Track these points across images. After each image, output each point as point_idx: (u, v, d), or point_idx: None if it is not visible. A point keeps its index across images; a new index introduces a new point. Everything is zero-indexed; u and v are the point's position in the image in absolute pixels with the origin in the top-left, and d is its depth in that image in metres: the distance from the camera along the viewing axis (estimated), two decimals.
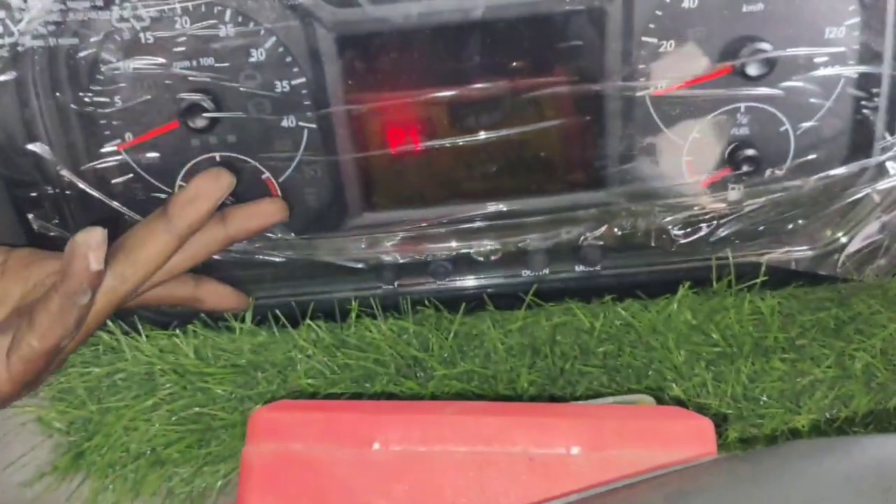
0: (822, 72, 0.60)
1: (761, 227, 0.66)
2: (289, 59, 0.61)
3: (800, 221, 0.65)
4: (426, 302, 0.68)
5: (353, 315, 0.67)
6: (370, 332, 0.65)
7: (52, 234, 0.64)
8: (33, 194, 0.63)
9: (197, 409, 0.65)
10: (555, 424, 0.48)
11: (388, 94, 0.62)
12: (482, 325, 0.66)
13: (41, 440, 0.67)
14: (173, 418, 0.65)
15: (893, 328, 0.61)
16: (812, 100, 0.62)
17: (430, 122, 0.63)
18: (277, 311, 0.68)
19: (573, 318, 0.65)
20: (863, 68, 0.60)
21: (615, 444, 0.47)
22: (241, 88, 0.61)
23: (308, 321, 0.66)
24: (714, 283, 0.65)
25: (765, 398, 0.62)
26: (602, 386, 0.63)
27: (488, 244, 0.66)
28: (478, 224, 0.66)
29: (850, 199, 0.64)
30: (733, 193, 0.66)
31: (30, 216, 0.64)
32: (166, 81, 0.61)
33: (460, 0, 0.58)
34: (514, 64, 0.60)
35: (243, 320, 0.67)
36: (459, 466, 0.47)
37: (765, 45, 0.59)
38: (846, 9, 0.59)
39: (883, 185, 0.63)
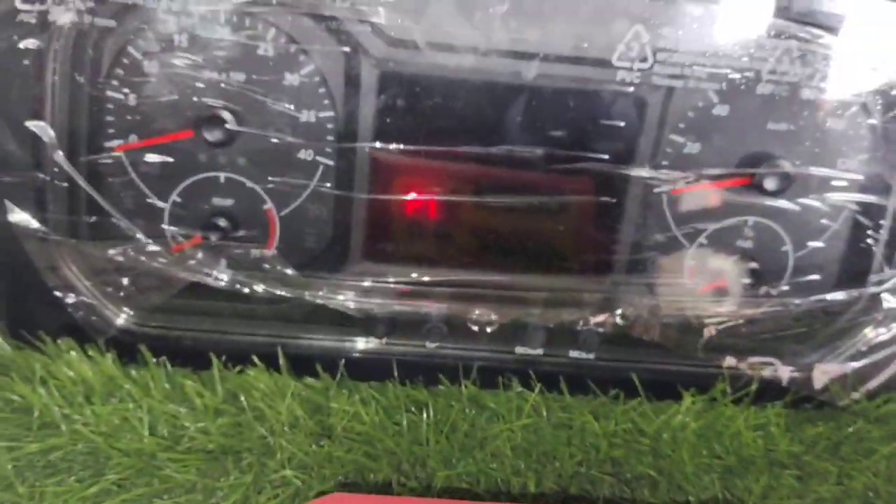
0: (832, 196, 0.62)
1: (755, 342, 0.66)
2: (322, 89, 0.58)
3: (792, 341, 0.66)
4: (414, 373, 0.63)
5: (338, 378, 0.62)
6: (359, 420, 0.58)
7: (25, 224, 0.57)
8: (17, 178, 0.56)
9: (156, 500, 0.54)
10: None
11: (417, 143, 0.59)
12: (480, 418, 0.61)
13: None
14: None
15: (887, 450, 0.60)
16: (818, 222, 0.63)
17: (453, 178, 0.61)
18: (254, 354, 0.62)
19: (575, 415, 0.61)
20: (870, 198, 0.64)
21: None
22: (268, 108, 0.58)
23: (289, 401, 0.58)
24: (715, 391, 0.64)
25: None
26: (615, 494, 0.59)
27: (488, 314, 0.66)
28: (481, 291, 0.64)
29: (842, 325, 0.68)
30: (729, 304, 0.68)
31: (7, 202, 0.57)
32: (190, 88, 0.57)
33: (515, 62, 0.57)
34: (551, 133, 0.59)
35: (208, 390, 0.59)
36: None
37: (784, 164, 0.62)
38: (863, 140, 0.62)
39: (876, 315, 0.66)
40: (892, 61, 0.59)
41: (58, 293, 0.60)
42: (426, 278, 0.63)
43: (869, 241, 0.64)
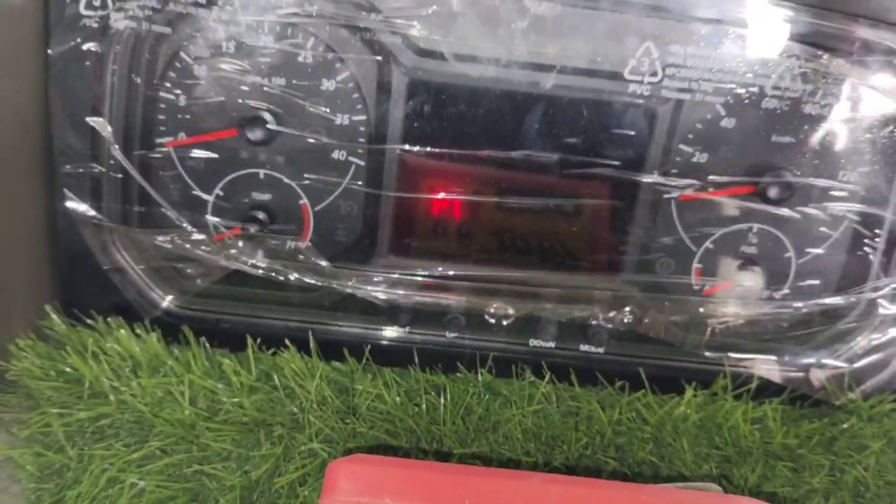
0: (833, 206, 0.66)
1: (758, 343, 0.69)
2: (356, 95, 0.62)
3: (793, 343, 0.70)
4: (434, 360, 0.67)
5: (363, 362, 0.66)
6: (382, 401, 0.63)
7: (82, 211, 0.62)
8: (76, 169, 0.61)
9: (197, 466, 0.59)
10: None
11: (442, 146, 0.63)
12: (494, 403, 0.65)
13: (6, 485, 0.60)
14: (166, 473, 0.59)
15: (878, 446, 0.63)
16: (819, 230, 0.66)
17: (475, 180, 0.65)
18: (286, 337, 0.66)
19: (583, 404, 0.65)
20: (868, 209, 0.68)
21: None
22: (306, 111, 0.62)
23: (318, 381, 0.62)
24: (716, 386, 0.67)
25: None
26: (619, 478, 0.62)
27: (504, 308, 0.70)
28: (498, 286, 0.68)
29: (840, 328, 0.71)
30: (732, 306, 0.72)
31: (66, 190, 0.61)
32: (235, 91, 0.61)
33: (534, 73, 0.61)
34: (567, 140, 0.63)
35: (244, 369, 0.63)
36: None
37: (787, 174, 0.65)
38: (864, 154, 0.65)
39: (872, 320, 0.70)
40: (886, 80, 0.62)
41: (110, 276, 0.65)
42: (448, 273, 0.68)
43: (867, 249, 0.67)
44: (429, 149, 0.64)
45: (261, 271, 0.65)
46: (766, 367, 0.69)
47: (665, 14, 0.60)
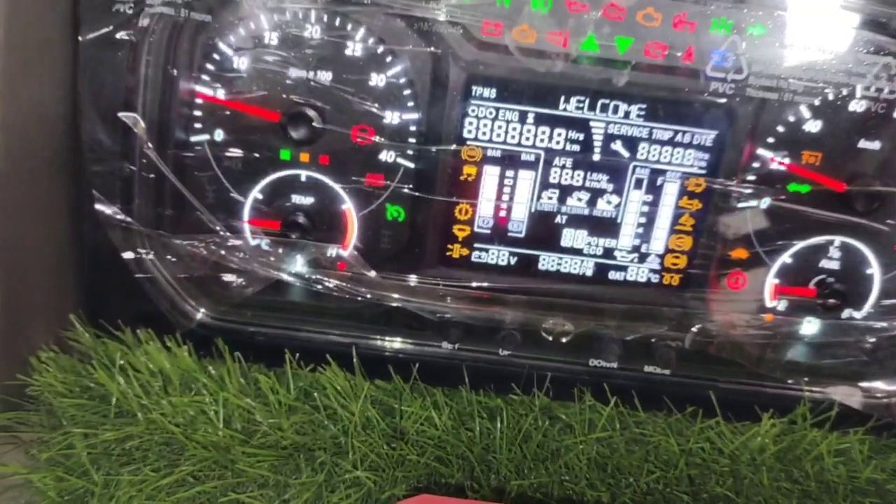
0: None
1: (836, 364, 0.64)
2: (408, 91, 0.57)
3: (875, 366, 0.64)
4: (486, 380, 0.63)
5: (412, 378, 0.61)
6: (432, 425, 0.58)
7: (111, 213, 0.58)
8: (105, 168, 0.56)
9: (233, 494, 0.54)
10: None
11: (501, 148, 0.59)
12: (552, 429, 0.60)
13: None
14: (198, 502, 0.54)
15: None
16: None
17: (534, 185, 0.60)
18: (328, 353, 0.61)
19: (650, 431, 0.60)
20: None
21: None
22: (353, 108, 0.58)
23: (362, 402, 0.58)
24: (795, 413, 0.63)
25: None
26: None
27: (562, 324, 0.65)
28: (555, 300, 0.63)
29: None
30: (810, 326, 0.66)
31: (94, 191, 0.57)
32: (279, 85, 0.57)
33: (606, 70, 0.56)
34: (637, 142, 0.58)
35: (282, 386, 0.59)
36: None
37: (876, 183, 0.60)
38: None
39: None
40: None
41: (140, 284, 0.60)
42: (501, 285, 0.63)
43: None
44: (487, 151, 0.58)
45: (301, 281, 0.60)
46: (846, 393, 0.63)
47: (752, 4, 0.54)
